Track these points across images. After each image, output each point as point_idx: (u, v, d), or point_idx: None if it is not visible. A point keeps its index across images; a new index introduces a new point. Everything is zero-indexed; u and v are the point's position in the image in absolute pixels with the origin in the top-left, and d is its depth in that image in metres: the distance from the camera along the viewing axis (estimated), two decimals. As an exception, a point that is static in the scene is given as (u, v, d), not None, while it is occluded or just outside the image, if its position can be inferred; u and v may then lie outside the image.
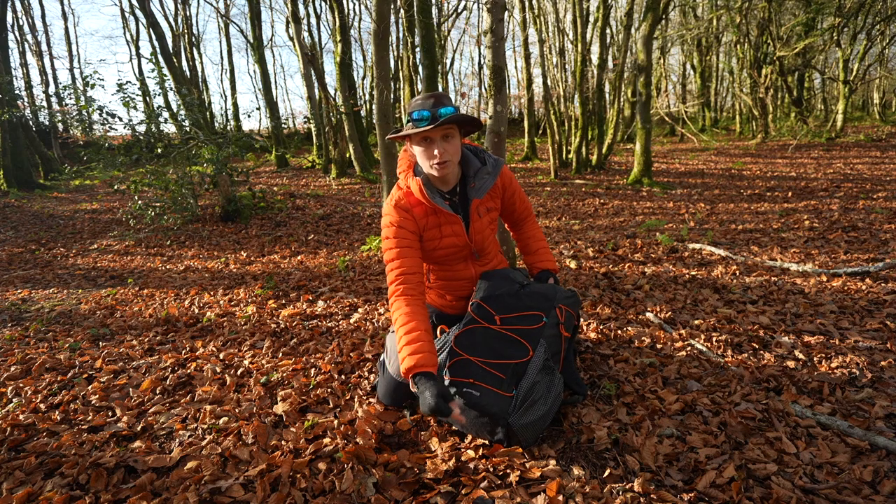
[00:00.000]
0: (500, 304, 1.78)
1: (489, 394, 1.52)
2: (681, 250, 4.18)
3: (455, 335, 1.73)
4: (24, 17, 20.70)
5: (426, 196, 1.75)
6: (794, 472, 1.43)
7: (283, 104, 54.92)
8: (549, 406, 1.58)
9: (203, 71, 23.50)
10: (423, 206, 1.80)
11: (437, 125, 1.63)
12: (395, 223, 1.78)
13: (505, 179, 1.96)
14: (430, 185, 1.79)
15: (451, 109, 1.66)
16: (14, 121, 10.88)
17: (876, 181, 7.70)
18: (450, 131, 1.70)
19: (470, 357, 1.61)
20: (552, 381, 1.62)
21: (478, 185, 1.83)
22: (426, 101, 1.69)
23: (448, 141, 1.70)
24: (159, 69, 7.12)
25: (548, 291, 1.84)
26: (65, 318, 3.37)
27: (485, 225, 1.90)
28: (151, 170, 6.90)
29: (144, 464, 1.58)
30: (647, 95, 8.60)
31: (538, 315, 1.74)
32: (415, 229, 1.80)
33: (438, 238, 1.84)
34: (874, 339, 2.30)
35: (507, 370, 1.58)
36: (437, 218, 1.82)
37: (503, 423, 1.50)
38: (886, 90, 22.73)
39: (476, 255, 1.94)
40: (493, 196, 1.93)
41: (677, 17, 20.37)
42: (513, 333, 1.68)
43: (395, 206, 1.79)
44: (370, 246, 5.00)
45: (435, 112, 1.65)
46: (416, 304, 1.67)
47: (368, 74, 21.06)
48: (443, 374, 1.61)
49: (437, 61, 12.21)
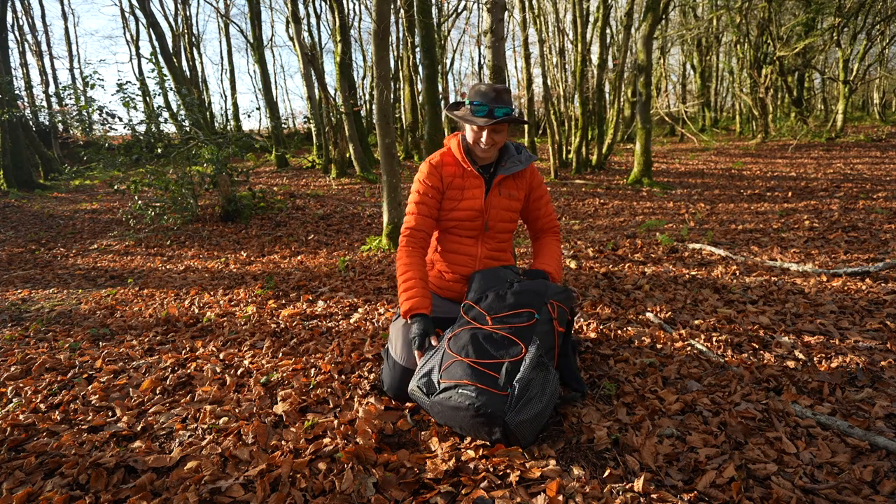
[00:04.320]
0: (491, 304, 1.78)
1: (485, 393, 1.52)
2: (681, 250, 4.18)
3: (448, 338, 1.72)
4: (24, 17, 20.70)
5: (461, 151, 2.01)
6: (794, 472, 1.43)
7: (283, 104, 54.90)
8: (545, 403, 1.57)
9: (203, 71, 23.53)
10: (453, 166, 2.05)
11: (492, 123, 1.87)
12: (422, 179, 2.04)
13: (534, 178, 2.14)
14: (468, 150, 2.03)
15: (507, 110, 1.89)
16: (14, 121, 10.88)
17: (876, 181, 7.70)
18: (500, 127, 1.93)
19: (463, 359, 1.61)
20: (547, 377, 1.62)
21: (507, 165, 2.04)
22: (488, 94, 1.90)
23: (498, 133, 1.93)
24: (159, 69, 7.12)
25: (538, 288, 1.83)
26: (65, 318, 3.37)
27: (503, 204, 2.06)
28: (151, 170, 6.90)
29: (144, 464, 1.58)
30: (647, 95, 8.60)
31: (530, 312, 1.74)
32: (439, 186, 2.03)
33: (459, 199, 2.03)
34: (874, 339, 2.30)
35: (501, 369, 1.58)
36: (463, 181, 2.04)
37: (500, 422, 1.50)
38: (886, 90, 22.73)
39: (486, 227, 2.06)
40: (519, 185, 2.10)
41: (677, 17, 20.37)
42: (505, 332, 1.68)
43: (428, 162, 2.06)
44: (370, 246, 5.00)
45: (493, 109, 1.88)
46: (416, 255, 1.96)
47: (368, 74, 21.06)
48: (438, 378, 1.60)
49: (437, 61, 12.23)
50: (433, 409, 1.62)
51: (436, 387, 1.59)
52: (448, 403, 1.54)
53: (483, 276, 1.92)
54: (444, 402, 1.55)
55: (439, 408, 1.58)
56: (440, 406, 1.57)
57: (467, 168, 2.02)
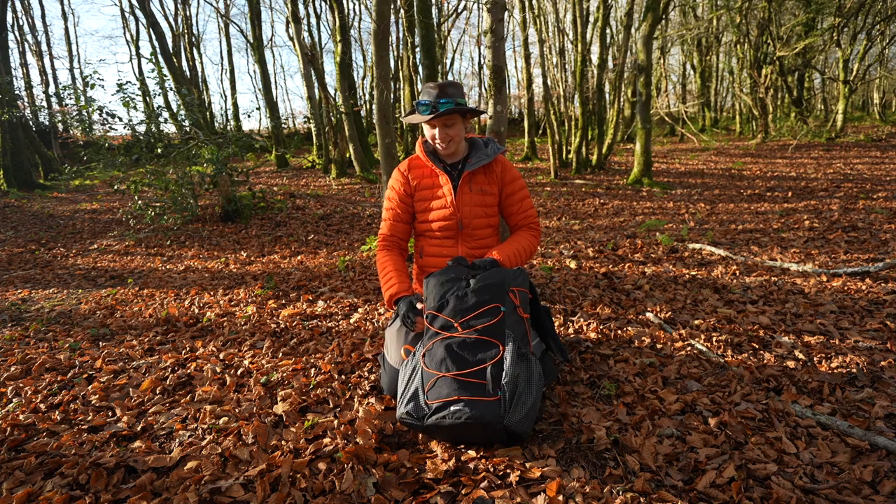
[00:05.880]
0: (455, 309, 1.71)
1: (477, 405, 1.49)
2: (681, 250, 4.18)
3: (421, 354, 1.68)
4: (24, 17, 20.69)
5: (425, 154, 2.09)
6: (794, 472, 1.43)
7: (283, 104, 54.90)
8: (535, 392, 1.58)
9: (203, 71, 23.52)
10: (422, 168, 2.12)
11: (435, 116, 1.92)
12: (391, 185, 2.15)
13: (506, 173, 2.14)
14: (432, 150, 2.12)
15: (450, 102, 1.92)
16: (14, 121, 10.88)
17: (876, 181, 7.70)
18: (449, 120, 1.97)
19: (445, 374, 1.57)
20: (529, 366, 1.61)
21: (473, 161, 2.08)
22: (431, 91, 1.95)
23: (450, 126, 1.98)
24: (159, 69, 7.12)
25: (496, 279, 1.77)
26: (65, 318, 3.37)
27: (475, 201, 2.08)
28: (151, 170, 6.89)
29: (144, 464, 1.58)
30: (647, 95, 8.60)
31: (495, 308, 1.69)
32: (407, 191, 2.13)
33: (430, 199, 2.10)
34: (874, 339, 2.30)
35: (485, 374, 1.55)
36: (432, 180, 2.10)
37: (500, 427, 1.50)
38: (886, 90, 22.73)
39: (461, 225, 2.08)
40: (490, 179, 2.11)
41: (677, 17, 20.37)
42: (478, 335, 1.64)
43: (397, 169, 2.16)
44: (370, 246, 5.00)
45: (436, 103, 1.93)
46: (392, 253, 2.12)
47: (368, 74, 21.05)
48: (425, 400, 1.56)
49: (437, 61, 12.21)
50: (429, 431, 1.59)
51: (425, 410, 1.55)
52: (443, 424, 1.52)
53: (436, 280, 1.83)
54: (440, 425, 1.52)
55: (435, 429, 1.56)
56: (436, 428, 1.55)
57: (434, 167, 2.07)
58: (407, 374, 1.68)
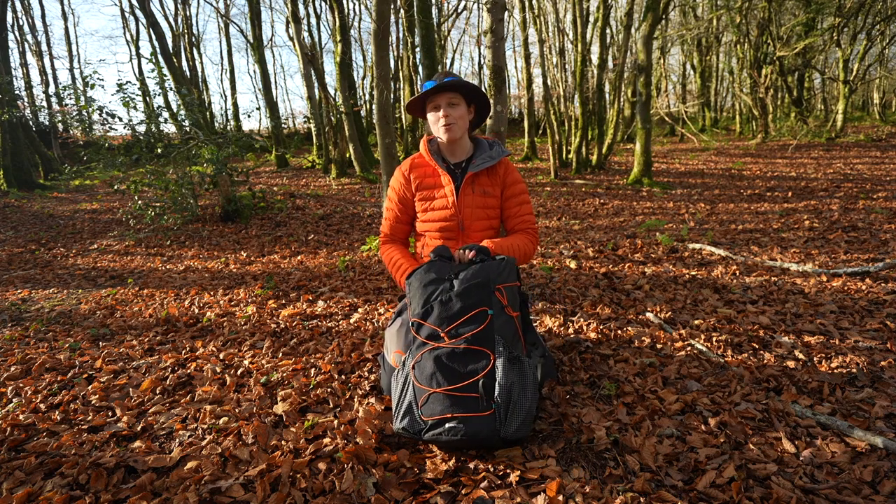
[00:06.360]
0: (440, 317, 1.64)
1: (472, 421, 1.47)
2: (681, 250, 4.18)
3: (411, 365, 1.63)
4: (24, 17, 20.70)
5: (428, 152, 2.06)
6: (794, 472, 1.43)
7: (283, 104, 54.95)
8: (530, 396, 1.54)
9: (203, 71, 23.52)
10: (424, 167, 2.10)
11: (440, 89, 1.93)
12: (392, 185, 2.15)
13: (508, 176, 2.12)
14: (436, 149, 2.10)
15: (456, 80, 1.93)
16: (14, 121, 10.88)
17: (876, 181, 7.70)
18: (454, 99, 1.96)
19: (436, 390, 1.53)
20: (522, 369, 1.56)
21: (477, 162, 2.05)
22: (438, 76, 1.99)
23: (453, 107, 1.96)
24: (159, 69, 7.12)
25: (481, 277, 1.67)
26: (65, 318, 3.37)
27: (477, 202, 2.05)
28: (151, 170, 6.89)
29: (144, 464, 1.58)
30: (647, 95, 8.60)
31: (482, 312, 1.61)
32: (408, 190, 2.12)
33: (431, 199, 2.08)
34: (874, 339, 2.30)
35: (478, 387, 1.51)
36: (434, 180, 2.08)
37: (497, 438, 1.49)
38: (886, 90, 22.73)
39: (462, 227, 2.05)
40: (493, 182, 2.09)
41: (677, 17, 20.38)
42: (466, 344, 1.57)
43: (398, 169, 2.14)
44: (370, 246, 5.00)
45: (441, 80, 1.94)
46: (396, 244, 2.16)
47: (368, 74, 21.06)
48: (419, 415, 1.54)
49: (437, 61, 12.20)
50: (427, 443, 1.60)
51: (421, 425, 1.54)
52: (441, 440, 1.51)
53: (419, 282, 1.74)
54: (438, 440, 1.52)
55: (435, 442, 1.56)
56: (435, 442, 1.55)
57: (437, 167, 2.05)
58: (399, 386, 1.65)
